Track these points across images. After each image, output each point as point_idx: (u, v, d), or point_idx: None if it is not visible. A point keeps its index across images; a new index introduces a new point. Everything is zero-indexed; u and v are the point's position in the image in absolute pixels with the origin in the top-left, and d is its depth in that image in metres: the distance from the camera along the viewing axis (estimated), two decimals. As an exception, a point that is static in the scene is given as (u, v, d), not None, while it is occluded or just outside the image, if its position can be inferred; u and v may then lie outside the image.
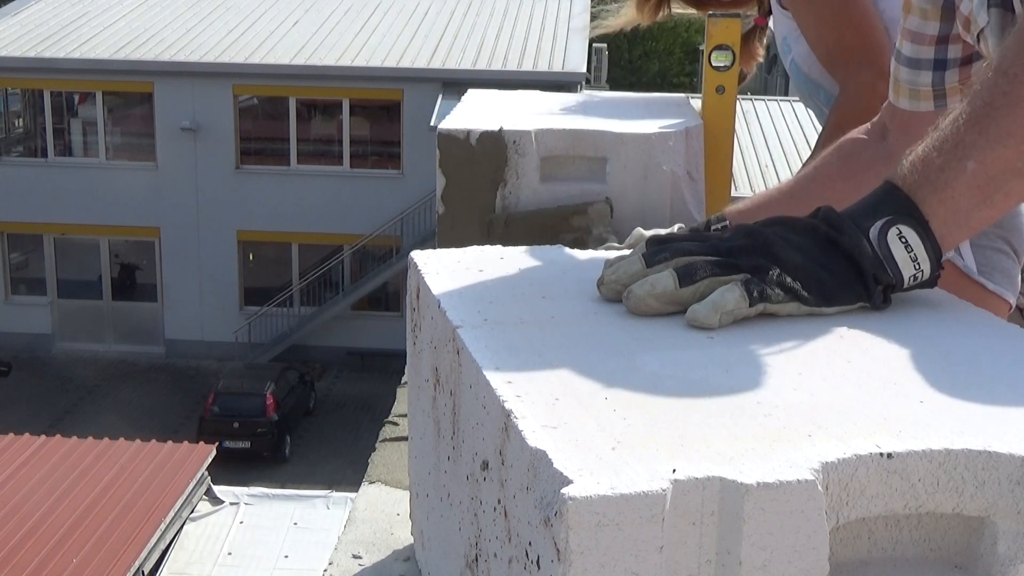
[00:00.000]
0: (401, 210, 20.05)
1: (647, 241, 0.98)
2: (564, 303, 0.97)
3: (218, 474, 11.49)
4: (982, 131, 0.97)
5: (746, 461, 0.67)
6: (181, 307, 20.93)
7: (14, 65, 20.52)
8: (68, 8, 22.56)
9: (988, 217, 1.01)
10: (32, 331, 21.02)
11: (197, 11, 22.48)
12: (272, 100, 21.05)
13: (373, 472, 1.53)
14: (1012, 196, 0.99)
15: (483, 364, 0.82)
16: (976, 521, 0.73)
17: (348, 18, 22.15)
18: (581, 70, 20.06)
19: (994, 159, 0.97)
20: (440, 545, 1.02)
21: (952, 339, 0.90)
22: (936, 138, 0.99)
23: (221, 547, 10.35)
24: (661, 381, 0.80)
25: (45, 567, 8.86)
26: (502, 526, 0.76)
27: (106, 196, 20.53)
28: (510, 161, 1.73)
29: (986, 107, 0.98)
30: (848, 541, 0.73)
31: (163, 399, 18.65)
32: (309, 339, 20.62)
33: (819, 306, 0.93)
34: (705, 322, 0.90)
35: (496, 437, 0.76)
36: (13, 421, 14.33)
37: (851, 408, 0.76)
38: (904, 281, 0.95)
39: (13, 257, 21.70)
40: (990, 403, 0.78)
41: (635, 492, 0.64)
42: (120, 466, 10.51)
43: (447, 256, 1.10)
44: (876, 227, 0.95)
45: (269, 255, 21.44)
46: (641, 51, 40.43)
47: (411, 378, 1.12)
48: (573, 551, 0.63)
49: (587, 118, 1.83)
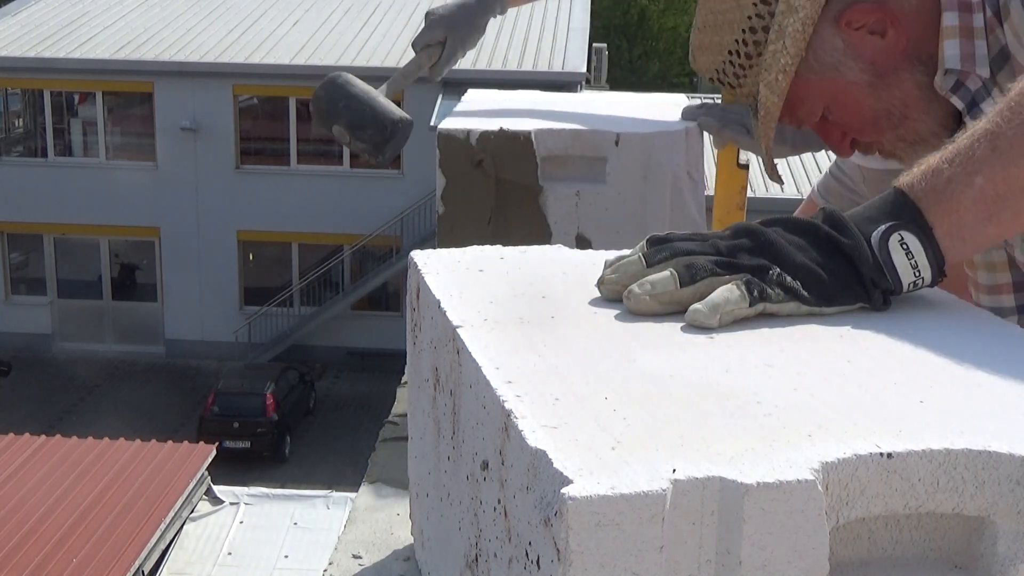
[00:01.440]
0: (401, 210, 20.05)
1: (647, 240, 0.98)
2: (564, 303, 0.97)
3: (218, 474, 11.49)
4: (994, 148, 0.97)
5: (746, 461, 0.67)
6: (181, 307, 20.93)
7: (14, 65, 20.52)
8: (68, 8, 22.56)
9: (993, 235, 1.01)
10: (32, 331, 21.02)
11: (197, 11, 22.48)
12: (272, 100, 21.05)
13: (373, 472, 1.53)
14: (1020, 217, 0.99)
15: (483, 364, 0.82)
16: (976, 521, 0.73)
17: (348, 18, 22.15)
18: (581, 70, 20.06)
19: (1004, 177, 0.97)
20: (440, 545, 1.02)
21: (952, 339, 0.90)
22: (950, 150, 0.99)
23: (221, 547, 10.35)
24: (661, 381, 0.80)
25: (45, 567, 8.86)
26: (502, 526, 0.76)
27: (106, 196, 20.53)
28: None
29: (1001, 126, 0.98)
30: (848, 541, 0.73)
31: (163, 399, 18.65)
32: (309, 339, 20.62)
33: (819, 306, 0.93)
34: (705, 322, 0.90)
35: (496, 437, 0.76)
36: (13, 421, 14.34)
37: (851, 408, 0.76)
38: (903, 287, 0.95)
39: (13, 257, 21.71)
40: (990, 403, 0.78)
41: (635, 492, 0.64)
42: (120, 466, 10.51)
43: (447, 256, 1.10)
44: (878, 232, 0.95)
45: (269, 255, 21.45)
46: (641, 51, 40.44)
47: (411, 378, 1.12)
48: (573, 551, 0.63)
49: (587, 118, 1.83)
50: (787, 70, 1.35)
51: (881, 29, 1.33)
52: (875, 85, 1.35)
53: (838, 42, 1.34)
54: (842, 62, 1.35)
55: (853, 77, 1.35)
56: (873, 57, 1.34)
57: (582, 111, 1.91)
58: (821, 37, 1.34)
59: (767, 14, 1.37)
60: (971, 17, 1.28)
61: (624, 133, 1.72)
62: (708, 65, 1.47)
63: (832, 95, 1.38)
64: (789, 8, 1.33)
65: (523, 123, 1.75)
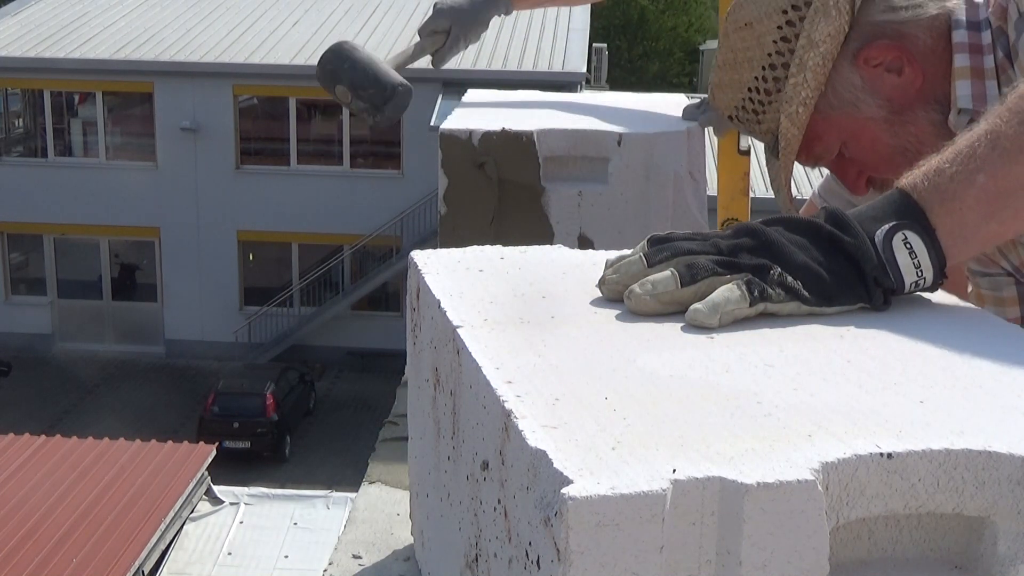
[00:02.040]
0: (401, 210, 20.05)
1: (648, 240, 0.98)
2: (564, 303, 0.97)
3: (218, 474, 11.49)
4: (995, 146, 0.98)
5: (746, 461, 0.67)
6: (181, 307, 20.93)
7: (14, 65, 20.52)
8: (68, 8, 22.57)
9: (995, 234, 1.01)
10: (32, 331, 21.03)
11: (197, 11, 22.48)
12: (272, 100, 21.05)
13: (373, 472, 1.53)
14: (1021, 215, 0.99)
15: (483, 364, 0.82)
16: (976, 521, 0.73)
17: (348, 18, 22.16)
18: (581, 70, 20.07)
19: (1005, 174, 0.97)
20: (440, 545, 1.02)
21: (952, 339, 0.90)
22: (950, 151, 1.00)
23: (221, 547, 10.35)
24: (661, 381, 0.80)
25: (45, 567, 8.86)
26: (502, 526, 0.76)
27: (106, 196, 20.53)
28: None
29: (1000, 125, 0.99)
30: (848, 541, 0.73)
31: (163, 399, 18.65)
32: (309, 339, 20.62)
33: (820, 306, 0.93)
34: (705, 322, 0.90)
35: (496, 437, 0.76)
36: (13, 421, 14.33)
37: (851, 408, 0.76)
38: (905, 287, 0.96)
39: (13, 257, 21.71)
40: (990, 403, 0.78)
41: (635, 492, 0.64)
42: (120, 466, 10.51)
43: (447, 256, 1.10)
44: (882, 231, 0.95)
45: (269, 255, 21.45)
46: (641, 51, 40.45)
47: (411, 378, 1.12)
48: (573, 551, 0.63)
49: (588, 118, 1.83)
50: (807, 103, 1.38)
51: (898, 67, 1.36)
52: (891, 122, 1.38)
53: (856, 79, 1.38)
54: (860, 98, 1.38)
55: (870, 113, 1.38)
56: (890, 94, 1.37)
57: (584, 111, 1.91)
58: (840, 73, 1.38)
59: (787, 51, 1.40)
60: (982, 59, 1.32)
61: (626, 133, 1.72)
62: (728, 102, 1.50)
63: (849, 131, 1.41)
64: (810, 43, 1.37)
65: (525, 123, 1.75)
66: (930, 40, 1.36)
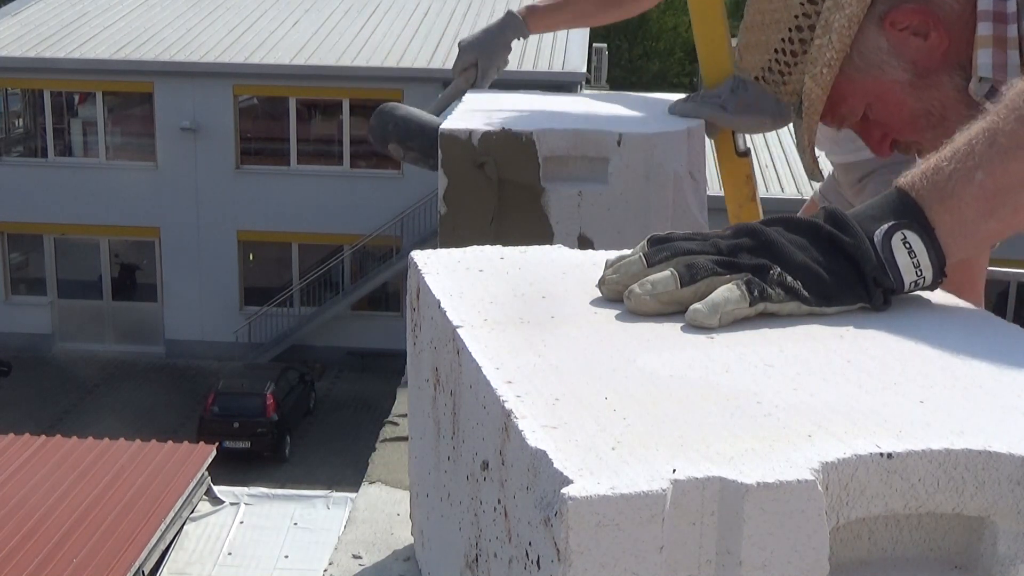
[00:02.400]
0: (401, 210, 20.05)
1: (648, 240, 0.98)
2: (564, 303, 0.97)
3: (218, 474, 11.50)
4: (993, 143, 0.98)
5: (746, 461, 0.67)
6: (181, 307, 20.93)
7: (14, 65, 20.52)
8: (68, 8, 22.57)
9: (995, 231, 1.01)
10: (32, 331, 21.03)
11: (197, 11, 22.48)
12: (272, 100, 21.05)
13: (373, 472, 1.53)
14: (1020, 212, 1.00)
15: (483, 364, 0.82)
16: (976, 521, 0.73)
17: (348, 18, 22.15)
18: (581, 70, 20.07)
19: (1003, 171, 0.97)
20: (440, 545, 1.02)
21: (952, 339, 0.90)
22: (950, 148, 1.00)
23: (221, 547, 10.35)
24: (661, 381, 0.80)
25: (45, 567, 8.86)
26: (502, 526, 0.76)
27: (106, 196, 20.53)
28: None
29: (998, 123, 0.99)
30: (848, 541, 0.73)
31: (163, 399, 18.65)
32: (309, 339, 20.62)
33: (819, 306, 0.94)
34: (705, 322, 0.90)
35: (496, 437, 0.76)
36: (13, 421, 14.33)
37: (851, 408, 0.76)
38: (905, 286, 0.96)
39: (13, 257, 21.71)
40: (990, 403, 0.78)
41: (635, 492, 0.64)
42: (120, 466, 10.51)
43: (447, 256, 1.10)
44: (881, 231, 0.95)
45: (269, 255, 21.44)
46: (641, 51, 40.44)
47: (411, 378, 1.12)
48: (573, 551, 0.63)
49: (588, 118, 1.83)
50: (832, 64, 1.39)
51: (924, 31, 1.36)
52: (916, 85, 1.39)
53: (882, 41, 1.38)
54: (885, 61, 1.38)
55: (895, 76, 1.39)
56: (915, 57, 1.37)
57: (584, 111, 1.92)
58: (866, 36, 1.38)
59: (814, 13, 1.41)
60: (1005, 28, 1.32)
61: (626, 133, 1.72)
62: (755, 63, 1.50)
63: (874, 93, 1.41)
64: (836, 5, 1.37)
65: (525, 123, 1.75)
66: (957, 5, 1.35)
